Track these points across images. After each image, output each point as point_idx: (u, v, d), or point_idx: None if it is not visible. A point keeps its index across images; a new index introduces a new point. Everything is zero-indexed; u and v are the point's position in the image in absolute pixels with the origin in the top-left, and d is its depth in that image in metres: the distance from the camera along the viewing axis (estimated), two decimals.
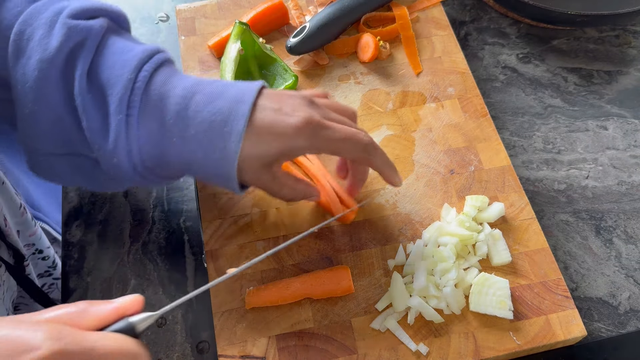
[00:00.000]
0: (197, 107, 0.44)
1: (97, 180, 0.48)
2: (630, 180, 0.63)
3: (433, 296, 0.51)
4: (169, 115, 0.44)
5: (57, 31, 0.44)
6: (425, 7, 0.72)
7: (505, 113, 0.67)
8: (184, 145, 0.44)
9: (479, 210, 0.56)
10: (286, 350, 0.50)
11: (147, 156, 0.45)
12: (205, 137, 0.44)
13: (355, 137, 0.47)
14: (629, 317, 0.55)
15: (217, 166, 0.45)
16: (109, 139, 0.43)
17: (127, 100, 0.43)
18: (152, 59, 0.45)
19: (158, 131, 0.44)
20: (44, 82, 0.43)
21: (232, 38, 0.63)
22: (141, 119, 0.44)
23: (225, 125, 0.44)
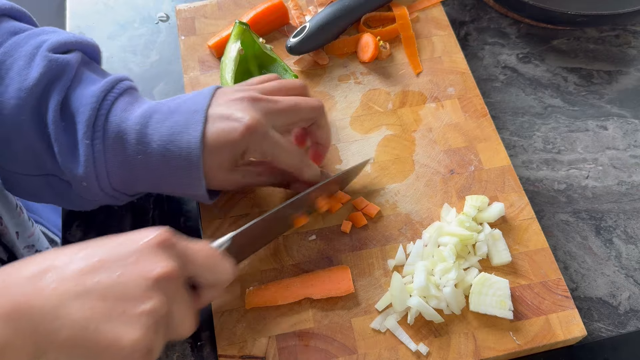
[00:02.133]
0: (156, 124, 0.47)
1: (70, 200, 0.51)
2: (630, 180, 0.63)
3: (433, 296, 0.51)
4: (131, 135, 0.47)
5: (37, 63, 0.47)
6: (425, 7, 0.72)
7: (505, 113, 0.67)
8: (148, 161, 0.47)
9: (479, 210, 0.56)
10: (286, 350, 0.50)
11: (116, 178, 0.48)
12: (167, 150, 0.46)
13: (298, 104, 0.51)
14: (629, 317, 0.55)
15: (183, 175, 0.47)
16: (79, 164, 0.46)
17: (92, 126, 0.46)
18: (114, 88, 0.49)
19: (123, 152, 0.47)
20: (20, 110, 0.46)
21: (232, 38, 0.63)
22: (106, 143, 0.47)
23: (184, 135, 0.46)
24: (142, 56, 0.71)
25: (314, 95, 0.65)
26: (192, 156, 0.46)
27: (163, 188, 0.50)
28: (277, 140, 0.49)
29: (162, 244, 0.38)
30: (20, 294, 0.34)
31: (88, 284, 0.35)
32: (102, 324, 0.35)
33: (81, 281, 0.35)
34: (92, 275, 0.36)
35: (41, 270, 0.35)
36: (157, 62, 0.70)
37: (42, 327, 0.34)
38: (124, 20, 0.75)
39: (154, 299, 0.36)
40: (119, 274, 0.36)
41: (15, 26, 0.50)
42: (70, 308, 0.34)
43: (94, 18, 0.75)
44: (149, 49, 0.72)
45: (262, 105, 0.49)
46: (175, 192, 0.51)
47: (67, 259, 0.36)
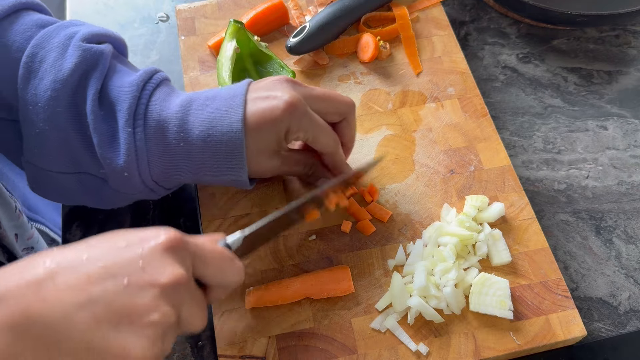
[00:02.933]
0: (197, 111, 0.47)
1: (104, 198, 0.50)
2: (630, 180, 0.63)
3: (433, 296, 0.51)
4: (172, 123, 0.47)
5: (71, 53, 0.46)
6: (425, 7, 0.72)
7: (505, 113, 0.67)
8: (191, 148, 0.47)
9: (479, 210, 0.56)
10: (286, 350, 0.50)
11: (156, 168, 0.47)
12: (210, 135, 0.46)
13: (334, 95, 0.52)
14: (629, 317, 0.55)
15: (226, 160, 0.47)
16: (119, 153, 0.46)
17: (134, 115, 0.46)
18: (152, 78, 0.48)
19: (164, 141, 0.47)
20: (56, 102, 0.46)
21: (227, 37, 0.63)
22: (147, 131, 0.46)
23: (226, 119, 0.46)
24: (142, 56, 0.71)
25: None
26: (235, 139, 0.46)
27: (204, 176, 0.49)
28: (317, 119, 0.49)
29: (170, 246, 0.37)
30: (23, 302, 0.32)
31: (94, 293, 0.33)
32: (109, 335, 0.33)
33: (86, 289, 0.33)
34: (98, 283, 0.34)
35: (44, 275, 0.34)
36: (157, 62, 0.70)
37: (47, 338, 0.32)
38: (124, 20, 0.75)
39: (162, 308, 0.35)
40: (126, 282, 0.34)
41: (41, 19, 0.50)
42: (76, 318, 0.33)
43: (94, 18, 0.75)
44: (149, 49, 0.72)
45: (300, 88, 0.49)
46: (215, 180, 0.50)
47: (71, 263, 0.35)
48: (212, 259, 0.40)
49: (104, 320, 0.33)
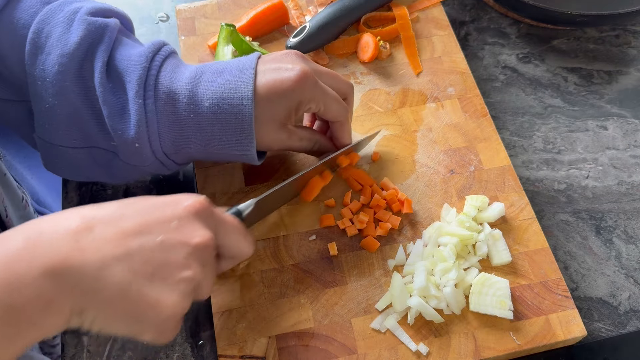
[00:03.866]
0: (207, 84, 0.48)
1: (115, 171, 0.51)
2: (630, 180, 0.63)
3: (433, 296, 0.51)
4: (182, 95, 0.47)
5: (76, 27, 0.47)
6: (425, 7, 0.72)
7: (505, 113, 0.67)
8: (200, 120, 0.47)
9: (479, 210, 0.56)
10: (286, 350, 0.50)
11: (167, 140, 0.48)
12: (219, 108, 0.47)
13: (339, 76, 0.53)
14: (629, 317, 0.55)
15: (235, 133, 0.48)
16: (130, 124, 0.46)
17: (144, 86, 0.46)
18: (160, 50, 0.49)
19: (174, 113, 0.47)
20: (63, 76, 0.46)
21: (221, 41, 0.63)
22: (158, 102, 0.47)
23: (236, 92, 0.47)
24: None
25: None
26: (244, 112, 0.47)
27: (213, 148, 0.49)
28: (327, 89, 0.50)
29: (201, 212, 0.39)
30: (62, 251, 0.33)
31: (130, 247, 0.35)
32: (143, 288, 0.35)
33: (123, 243, 0.35)
34: (134, 237, 0.36)
35: (81, 227, 0.35)
36: None
37: (83, 286, 0.34)
38: None
39: (193, 267, 0.37)
40: (161, 239, 0.36)
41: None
42: (112, 270, 0.34)
43: None
44: None
45: (308, 62, 0.51)
46: (224, 153, 0.50)
47: (108, 217, 0.36)
48: (232, 230, 0.43)
49: (139, 273, 0.35)
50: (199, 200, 0.40)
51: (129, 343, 0.52)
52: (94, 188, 0.61)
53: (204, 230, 0.39)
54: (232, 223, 0.43)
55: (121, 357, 0.51)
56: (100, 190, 0.61)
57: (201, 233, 0.38)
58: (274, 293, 0.53)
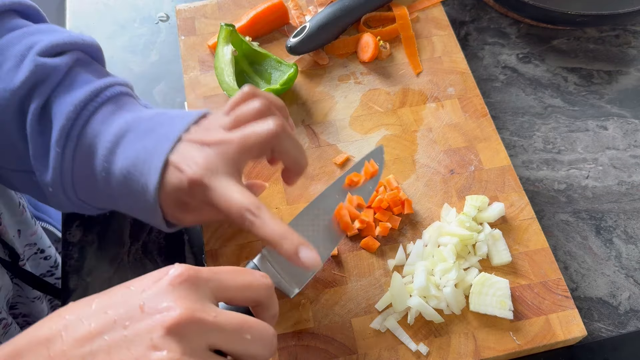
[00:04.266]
0: (127, 144, 0.45)
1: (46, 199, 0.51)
2: (630, 180, 0.63)
3: (433, 296, 0.51)
4: (100, 151, 0.46)
5: (25, 66, 0.47)
6: (425, 7, 0.72)
7: (505, 113, 0.67)
8: (110, 179, 0.46)
9: (479, 210, 0.56)
10: (286, 350, 0.50)
11: (81, 189, 0.47)
12: (129, 173, 0.45)
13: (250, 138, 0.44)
14: (629, 317, 0.55)
15: (140, 202, 0.45)
16: (48, 169, 0.46)
17: (66, 135, 0.46)
18: (99, 96, 0.47)
19: (90, 166, 0.46)
20: (4, 109, 0.47)
21: (221, 42, 0.63)
22: (76, 154, 0.46)
23: (147, 162, 0.44)
24: (142, 56, 0.71)
25: (315, 95, 0.65)
26: (149, 186, 0.44)
27: (122, 209, 0.49)
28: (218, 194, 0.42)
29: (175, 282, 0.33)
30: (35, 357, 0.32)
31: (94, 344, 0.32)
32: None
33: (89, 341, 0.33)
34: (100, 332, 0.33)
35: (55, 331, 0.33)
36: (157, 62, 0.70)
37: None
38: (124, 20, 0.75)
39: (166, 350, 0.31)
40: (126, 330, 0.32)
41: (16, 24, 0.50)
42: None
43: (94, 18, 0.75)
44: (149, 49, 0.72)
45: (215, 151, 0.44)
46: (134, 215, 0.49)
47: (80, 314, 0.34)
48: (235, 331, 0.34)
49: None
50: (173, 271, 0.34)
51: None
52: None
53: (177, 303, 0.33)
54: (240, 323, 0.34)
55: None
56: None
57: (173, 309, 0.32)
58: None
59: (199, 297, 0.33)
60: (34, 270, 0.71)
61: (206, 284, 0.34)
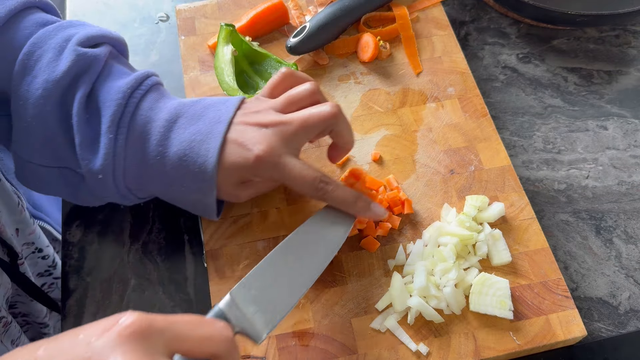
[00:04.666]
0: (180, 129, 0.48)
1: (79, 194, 0.52)
2: (630, 180, 0.63)
3: (433, 296, 0.51)
4: (154, 136, 0.48)
5: (66, 56, 0.48)
6: (425, 7, 0.72)
7: (505, 113, 0.67)
8: (165, 163, 0.48)
9: (479, 210, 0.56)
10: (286, 350, 0.50)
11: (130, 176, 0.48)
12: (185, 156, 0.47)
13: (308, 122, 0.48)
14: (629, 317, 0.55)
15: (196, 180, 0.48)
16: (97, 155, 0.47)
17: (118, 122, 0.47)
18: (142, 84, 0.49)
19: (143, 151, 0.48)
20: (46, 100, 0.47)
21: (221, 41, 0.63)
22: (129, 140, 0.47)
23: (203, 145, 0.47)
24: (142, 56, 0.71)
25: None
26: (207, 166, 0.47)
27: (173, 193, 0.50)
28: (289, 169, 0.47)
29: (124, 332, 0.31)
30: None
31: None
32: None
33: None
34: None
35: None
36: (157, 62, 0.70)
37: None
38: (124, 20, 0.75)
39: None
40: None
41: (43, 18, 0.51)
42: None
43: (94, 18, 0.75)
44: (149, 49, 0.72)
45: (275, 132, 0.48)
46: (184, 199, 0.51)
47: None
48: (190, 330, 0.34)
49: None
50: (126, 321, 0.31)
51: None
52: None
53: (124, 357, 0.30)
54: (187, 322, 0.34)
55: None
56: None
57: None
58: None
59: (149, 351, 0.31)
60: (32, 269, 0.71)
61: (160, 336, 0.32)
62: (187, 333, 0.33)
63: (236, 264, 0.54)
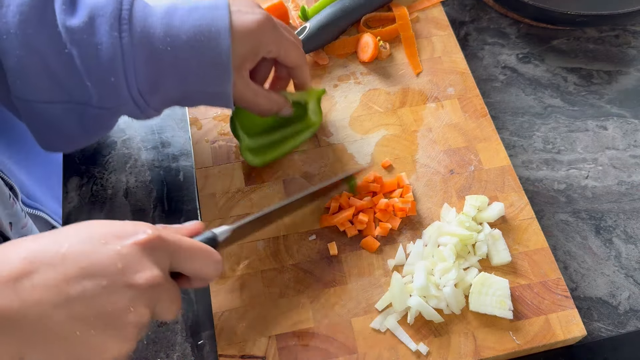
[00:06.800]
0: (182, 18, 0.48)
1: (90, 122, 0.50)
2: (630, 180, 0.63)
3: (433, 296, 0.51)
4: (158, 29, 0.47)
5: None
6: (425, 7, 0.72)
7: (505, 113, 0.68)
8: (177, 53, 0.47)
9: (479, 210, 0.56)
10: (286, 350, 0.50)
11: (143, 75, 0.47)
12: (197, 41, 0.47)
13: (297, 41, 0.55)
14: (628, 317, 0.55)
15: (212, 66, 0.48)
16: (103, 59, 0.46)
17: (119, 20, 0.46)
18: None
19: (150, 47, 0.47)
20: (26, 25, 0.45)
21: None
22: (133, 36, 0.46)
23: (212, 26, 0.48)
24: None
25: None
26: (222, 46, 0.47)
27: (189, 85, 0.49)
28: (285, 34, 0.53)
29: (148, 246, 0.37)
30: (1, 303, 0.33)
31: (71, 293, 0.34)
32: (86, 334, 0.34)
33: (64, 289, 0.34)
34: (76, 283, 0.34)
35: (21, 272, 0.34)
36: None
37: (23, 335, 0.33)
38: None
39: (139, 309, 0.36)
40: (105, 284, 0.35)
41: None
42: (53, 318, 0.33)
43: None
44: None
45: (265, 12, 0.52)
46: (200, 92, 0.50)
47: (48, 259, 0.35)
48: (190, 255, 0.41)
49: (81, 320, 0.34)
50: (146, 234, 0.38)
51: None
52: (94, 188, 0.61)
53: (150, 269, 0.37)
54: (191, 249, 0.41)
55: None
56: (100, 190, 0.61)
57: (148, 272, 0.37)
58: (274, 293, 0.53)
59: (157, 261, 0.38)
60: None
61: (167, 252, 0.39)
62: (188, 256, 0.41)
63: (236, 264, 0.54)
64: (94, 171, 0.62)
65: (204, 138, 0.62)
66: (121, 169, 0.63)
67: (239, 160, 0.60)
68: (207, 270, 0.42)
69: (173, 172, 0.62)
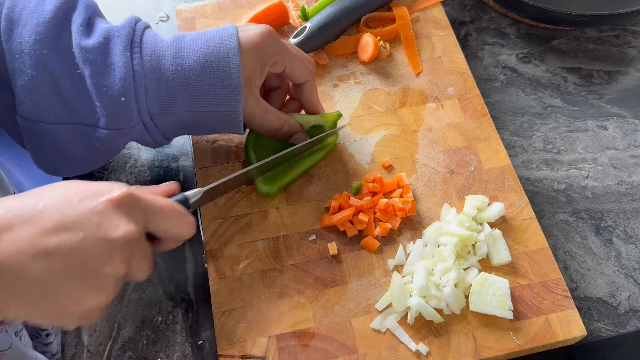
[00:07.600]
0: (190, 42, 0.50)
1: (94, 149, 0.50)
2: (630, 180, 0.63)
3: (433, 296, 0.51)
4: (167, 52, 0.48)
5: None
6: (425, 7, 0.72)
7: (505, 113, 0.68)
8: (187, 74, 0.48)
9: (479, 210, 0.56)
10: (286, 350, 0.50)
11: (153, 96, 0.48)
12: (206, 61, 0.49)
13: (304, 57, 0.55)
14: (628, 317, 0.55)
15: (222, 86, 0.49)
16: (115, 78, 0.47)
17: (131, 42, 0.48)
18: (139, 21, 0.51)
19: (159, 70, 0.48)
20: (41, 45, 0.46)
21: None
22: (144, 58, 0.48)
23: (221, 45, 0.49)
24: None
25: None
26: (231, 64, 0.48)
27: (200, 107, 0.50)
28: (290, 48, 0.54)
29: (123, 202, 0.39)
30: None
31: (49, 245, 0.35)
32: (64, 285, 0.36)
33: (42, 241, 0.35)
34: (54, 235, 0.36)
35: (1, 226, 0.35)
36: None
37: (4, 286, 0.34)
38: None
39: (115, 262, 0.37)
40: (81, 236, 0.36)
41: None
42: (32, 270, 0.35)
43: None
44: None
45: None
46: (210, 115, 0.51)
47: (27, 214, 0.36)
48: (163, 214, 0.42)
49: (59, 272, 0.36)
50: (121, 191, 0.39)
51: (129, 343, 0.52)
52: None
53: (125, 224, 0.38)
54: (164, 208, 0.42)
55: (121, 357, 0.52)
56: None
57: (123, 227, 0.38)
58: (274, 293, 0.53)
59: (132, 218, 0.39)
60: None
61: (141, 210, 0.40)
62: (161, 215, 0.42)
63: (236, 264, 0.54)
64: (94, 171, 0.62)
65: (204, 138, 0.62)
66: (121, 169, 0.63)
67: (239, 160, 0.60)
68: (179, 229, 0.43)
69: (173, 172, 0.62)
